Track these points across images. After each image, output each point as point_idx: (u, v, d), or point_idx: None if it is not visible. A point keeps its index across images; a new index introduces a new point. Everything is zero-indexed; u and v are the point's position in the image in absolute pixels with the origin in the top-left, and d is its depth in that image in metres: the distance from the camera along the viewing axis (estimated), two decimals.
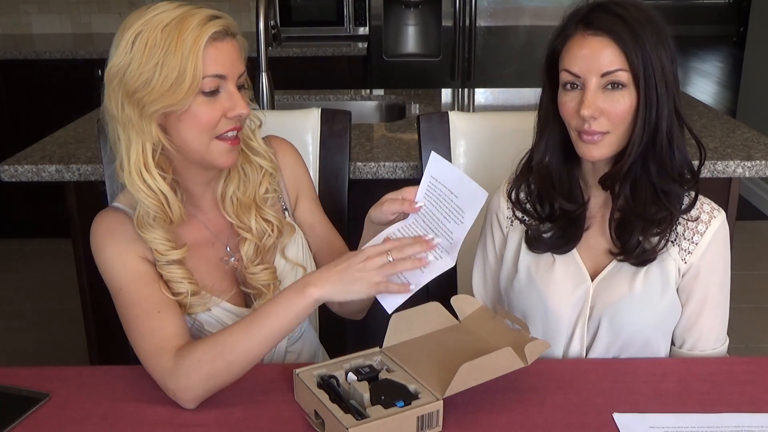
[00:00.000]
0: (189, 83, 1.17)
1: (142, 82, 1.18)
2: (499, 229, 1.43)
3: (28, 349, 2.93)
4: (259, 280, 1.34)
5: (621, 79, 1.20)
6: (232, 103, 1.22)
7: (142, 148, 1.21)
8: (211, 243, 1.36)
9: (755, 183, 4.34)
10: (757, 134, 2.16)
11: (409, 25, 3.87)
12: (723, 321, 1.36)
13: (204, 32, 1.18)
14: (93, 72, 3.71)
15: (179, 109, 1.19)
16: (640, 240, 1.27)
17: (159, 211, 1.23)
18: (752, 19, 4.51)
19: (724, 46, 9.36)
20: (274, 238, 1.36)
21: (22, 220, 3.90)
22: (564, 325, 1.34)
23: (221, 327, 1.29)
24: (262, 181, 1.36)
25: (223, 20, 1.21)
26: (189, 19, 1.18)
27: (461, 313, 1.29)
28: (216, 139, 1.24)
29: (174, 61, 1.17)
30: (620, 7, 1.21)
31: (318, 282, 1.15)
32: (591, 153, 1.25)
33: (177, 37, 1.17)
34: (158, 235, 1.24)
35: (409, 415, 1.06)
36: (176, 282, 1.25)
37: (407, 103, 2.66)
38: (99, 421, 1.13)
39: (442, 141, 1.70)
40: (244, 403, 1.16)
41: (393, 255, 1.15)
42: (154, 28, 1.18)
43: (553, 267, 1.34)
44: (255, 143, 1.35)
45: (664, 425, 1.12)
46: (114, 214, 1.29)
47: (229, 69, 1.21)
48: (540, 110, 1.32)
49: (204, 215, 1.35)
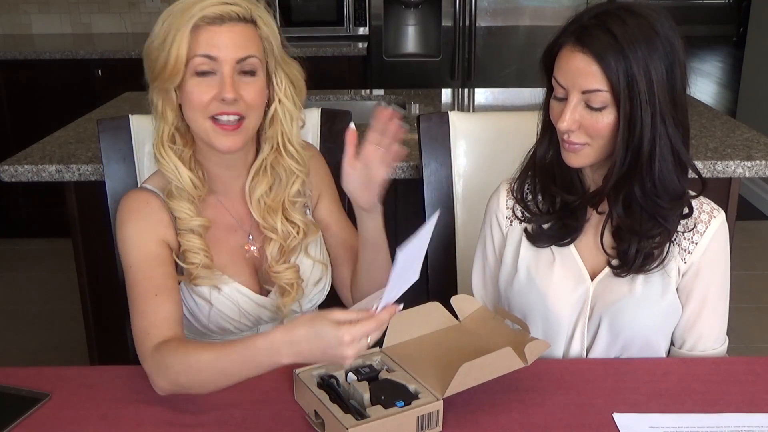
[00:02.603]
0: (175, 63, 1.22)
1: (152, 60, 1.26)
2: (498, 229, 1.43)
3: (28, 349, 2.93)
4: (283, 279, 1.36)
5: (601, 99, 1.20)
6: (221, 86, 1.24)
7: (161, 125, 1.30)
8: (234, 230, 1.38)
9: (755, 183, 4.34)
10: (757, 134, 2.16)
11: (409, 25, 3.87)
12: (723, 321, 1.36)
13: (198, 13, 1.21)
14: (93, 72, 3.72)
15: (170, 86, 1.25)
16: (636, 252, 1.28)
17: (177, 182, 1.30)
18: (752, 19, 4.51)
19: (724, 46, 9.35)
20: (299, 240, 1.38)
21: (22, 220, 3.90)
22: (564, 325, 1.34)
23: (234, 307, 1.33)
24: (293, 185, 1.37)
25: (227, 6, 1.23)
26: (195, 4, 1.22)
27: (461, 313, 1.29)
28: (212, 122, 1.26)
29: (169, 39, 1.22)
30: (619, 20, 1.19)
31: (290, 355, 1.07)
32: (570, 160, 1.27)
33: (176, 19, 1.23)
34: (183, 206, 1.30)
35: (409, 415, 1.06)
36: (193, 252, 1.30)
37: (407, 103, 2.66)
38: (99, 421, 1.13)
39: (442, 141, 1.70)
40: (244, 403, 1.16)
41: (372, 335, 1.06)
42: (169, 14, 1.25)
43: (553, 266, 1.34)
44: (291, 147, 1.36)
45: (664, 425, 1.12)
46: (142, 194, 1.33)
47: (222, 52, 1.23)
48: (543, 107, 1.33)
49: (229, 202, 1.38)
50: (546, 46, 1.28)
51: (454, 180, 1.71)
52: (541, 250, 1.36)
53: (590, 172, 1.32)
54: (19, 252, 3.82)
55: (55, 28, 4.33)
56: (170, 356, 1.15)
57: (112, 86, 3.32)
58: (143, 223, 1.29)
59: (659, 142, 1.21)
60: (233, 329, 1.36)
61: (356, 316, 1.05)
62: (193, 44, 1.22)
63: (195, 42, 1.22)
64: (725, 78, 8.10)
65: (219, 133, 1.27)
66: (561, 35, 1.24)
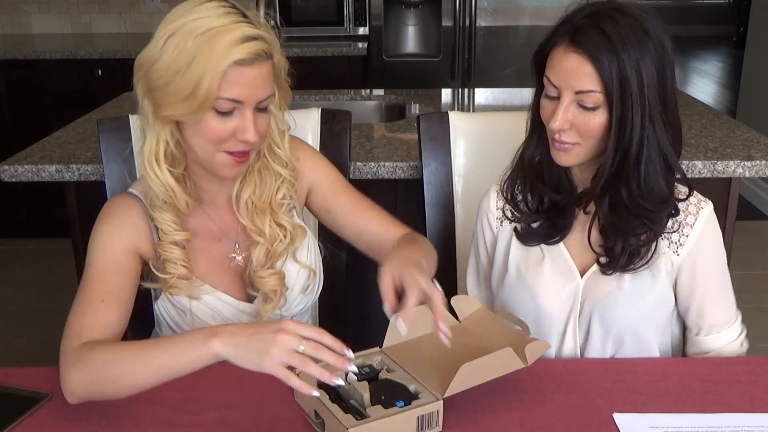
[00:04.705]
0: (200, 102, 1.17)
1: (161, 84, 1.18)
2: (489, 230, 1.45)
3: (28, 349, 2.94)
4: (267, 284, 1.34)
5: (594, 99, 1.21)
6: (243, 128, 1.21)
7: (156, 141, 1.24)
8: (218, 239, 1.36)
9: (755, 183, 4.34)
10: (757, 134, 2.16)
11: (409, 25, 3.86)
12: (730, 301, 1.39)
13: (230, 55, 1.15)
14: (93, 72, 3.71)
15: (189, 121, 1.20)
16: (622, 249, 1.29)
17: (167, 198, 1.28)
18: (752, 19, 4.51)
19: (724, 46, 9.36)
20: (286, 244, 1.36)
21: (22, 220, 3.90)
22: (556, 322, 1.35)
23: (214, 314, 1.31)
24: (279, 188, 1.36)
25: (257, 43, 1.17)
26: (223, 36, 1.15)
27: (461, 313, 1.29)
28: (225, 155, 1.24)
29: (193, 75, 1.15)
30: (611, 21, 1.19)
31: (224, 337, 1.05)
32: (560, 159, 1.28)
33: (204, 51, 1.15)
34: (167, 218, 1.28)
35: (409, 415, 1.06)
36: (172, 262, 1.29)
37: (407, 103, 2.66)
38: (99, 421, 1.13)
39: (442, 141, 1.70)
40: (244, 403, 1.16)
41: (306, 348, 1.03)
42: (189, 33, 1.16)
43: (543, 264, 1.36)
44: (280, 150, 1.34)
45: (664, 425, 1.12)
46: (125, 199, 1.32)
47: (249, 95, 1.19)
48: (532, 105, 1.34)
49: (215, 211, 1.36)
50: (538, 44, 1.28)
51: (454, 180, 1.72)
52: (531, 249, 1.37)
53: (578, 171, 1.33)
54: (19, 252, 3.82)
55: (55, 28, 4.33)
56: (97, 350, 1.12)
57: (112, 86, 3.31)
58: (116, 229, 1.27)
59: (647, 143, 1.22)
60: None
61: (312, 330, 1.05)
62: (223, 85, 1.16)
63: (225, 83, 1.16)
64: (725, 78, 8.10)
65: (230, 163, 1.25)
66: (554, 35, 1.25)
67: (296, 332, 1.03)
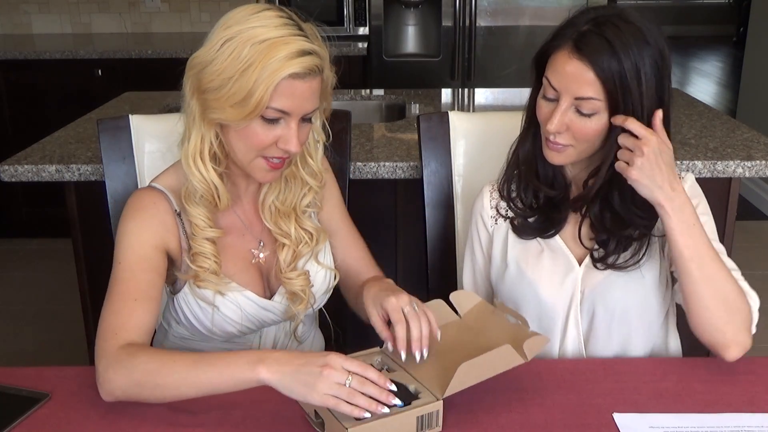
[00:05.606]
0: (251, 110, 1.18)
1: (214, 87, 1.19)
2: (484, 229, 1.46)
3: (28, 349, 2.93)
4: (295, 285, 1.36)
5: (592, 106, 1.22)
6: (286, 138, 1.22)
7: (201, 139, 1.25)
8: (242, 234, 1.38)
9: (755, 183, 4.34)
10: (757, 134, 2.16)
11: (409, 25, 3.86)
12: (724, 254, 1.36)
13: (285, 68, 1.16)
14: (93, 72, 3.71)
15: (236, 126, 1.21)
16: (614, 244, 1.30)
17: (207, 195, 1.28)
18: (752, 19, 4.51)
19: (724, 46, 9.36)
20: (312, 246, 1.38)
21: (22, 220, 3.90)
22: (558, 313, 1.36)
23: (238, 311, 1.32)
24: (306, 195, 1.37)
25: (312, 58, 1.18)
26: (279, 48, 1.16)
27: (461, 308, 1.30)
28: (264, 160, 1.25)
29: (247, 82, 1.16)
30: (614, 28, 1.20)
31: (271, 365, 1.07)
32: (552, 158, 1.30)
33: (260, 61, 1.16)
34: (201, 213, 1.28)
35: (409, 415, 1.06)
36: (204, 257, 1.29)
37: (407, 103, 2.66)
38: (99, 421, 1.13)
39: (442, 141, 1.70)
40: (244, 403, 1.16)
41: (353, 382, 1.05)
42: (246, 41, 1.17)
43: (542, 256, 1.37)
44: (312, 161, 1.36)
45: (664, 425, 1.12)
46: (151, 194, 1.32)
47: (297, 108, 1.20)
48: (529, 102, 1.34)
49: (240, 207, 1.38)
50: (541, 45, 1.29)
51: (454, 180, 1.72)
52: (529, 243, 1.39)
53: (570, 167, 1.36)
54: (19, 252, 3.82)
55: (55, 28, 4.33)
56: (141, 356, 1.13)
57: (112, 86, 3.32)
58: (146, 224, 1.28)
59: None
60: (237, 332, 1.36)
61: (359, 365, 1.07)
62: (274, 95, 1.17)
63: (276, 94, 1.17)
64: (725, 78, 8.10)
65: (266, 168, 1.26)
66: (557, 38, 1.25)
67: (343, 367, 1.05)
